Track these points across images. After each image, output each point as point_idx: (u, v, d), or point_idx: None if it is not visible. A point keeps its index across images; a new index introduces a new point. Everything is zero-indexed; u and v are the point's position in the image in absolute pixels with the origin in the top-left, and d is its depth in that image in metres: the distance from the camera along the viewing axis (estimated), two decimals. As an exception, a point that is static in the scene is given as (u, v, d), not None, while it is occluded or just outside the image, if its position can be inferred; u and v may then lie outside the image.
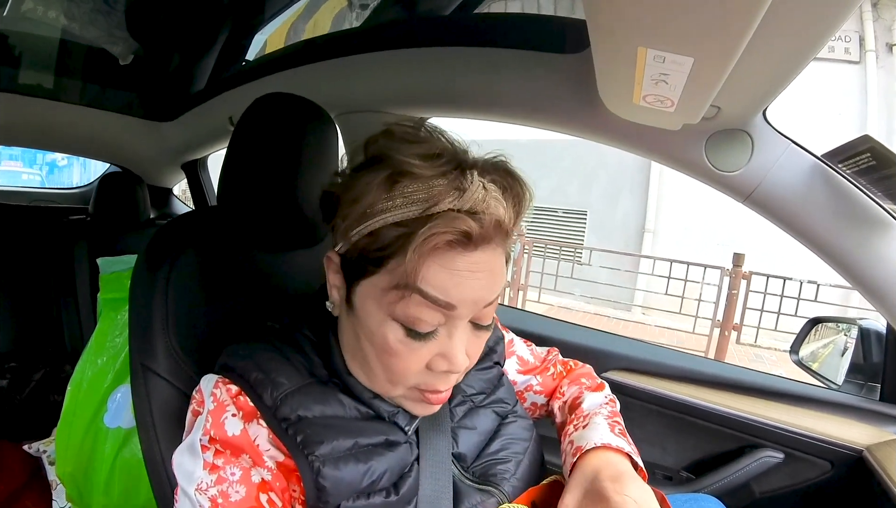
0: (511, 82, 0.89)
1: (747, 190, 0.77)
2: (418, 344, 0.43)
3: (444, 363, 0.44)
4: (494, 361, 0.63)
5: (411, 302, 0.40)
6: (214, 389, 0.46)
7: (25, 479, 1.27)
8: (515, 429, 0.59)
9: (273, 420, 0.45)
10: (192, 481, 0.43)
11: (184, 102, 1.60)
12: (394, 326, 0.42)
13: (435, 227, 0.38)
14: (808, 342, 1.07)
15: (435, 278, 0.40)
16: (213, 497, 0.42)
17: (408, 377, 0.45)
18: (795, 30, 0.46)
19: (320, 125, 0.70)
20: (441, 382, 0.46)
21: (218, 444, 0.44)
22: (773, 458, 0.93)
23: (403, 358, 0.43)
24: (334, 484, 0.44)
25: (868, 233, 0.74)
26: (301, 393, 0.46)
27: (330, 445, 0.44)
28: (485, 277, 0.42)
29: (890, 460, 0.79)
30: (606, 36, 0.46)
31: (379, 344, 0.43)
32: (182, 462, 0.45)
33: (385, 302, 0.42)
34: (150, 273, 0.62)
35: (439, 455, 0.51)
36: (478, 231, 0.39)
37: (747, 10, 0.35)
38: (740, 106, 0.66)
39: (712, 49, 0.41)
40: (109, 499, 0.93)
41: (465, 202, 0.39)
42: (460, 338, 0.44)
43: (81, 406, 0.95)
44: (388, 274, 0.41)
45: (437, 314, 0.41)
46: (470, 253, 0.40)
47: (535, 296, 5.38)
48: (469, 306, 0.42)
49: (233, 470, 0.44)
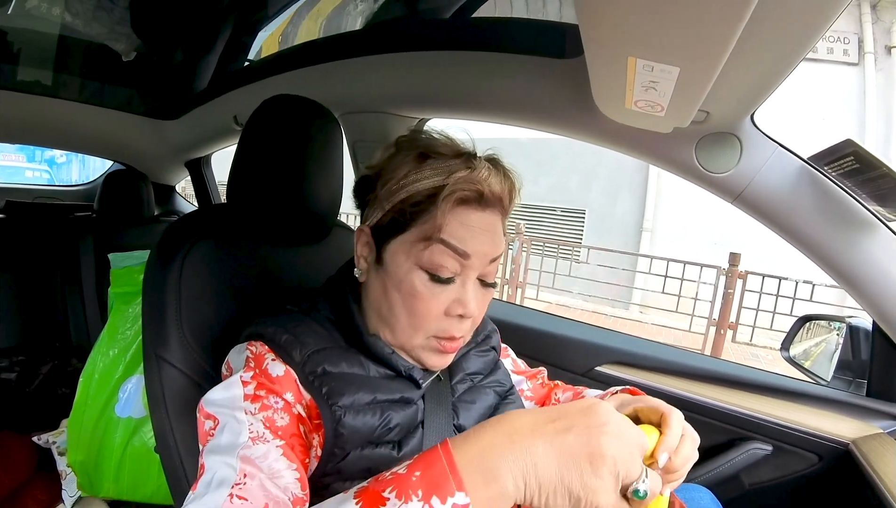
0: (509, 85, 0.91)
1: (736, 190, 0.79)
2: (439, 289, 0.51)
3: (459, 307, 0.51)
4: (491, 346, 0.68)
5: (435, 250, 0.50)
6: (250, 347, 0.52)
7: (35, 470, 1.30)
8: (516, 409, 0.62)
9: (301, 373, 0.50)
10: (237, 407, 0.46)
11: (188, 101, 1.62)
12: (420, 273, 0.51)
13: (457, 184, 0.49)
14: (799, 339, 1.09)
15: (455, 231, 0.49)
16: (263, 420, 0.46)
17: (429, 320, 0.52)
18: (778, 39, 0.49)
19: (326, 125, 0.73)
20: (456, 328, 0.53)
21: (262, 378, 0.49)
22: (762, 450, 0.95)
23: (426, 300, 0.51)
24: (352, 433, 0.49)
25: (853, 233, 0.77)
26: (325, 352, 0.52)
27: (352, 397, 0.50)
28: (491, 236, 0.52)
29: (875, 453, 0.81)
30: (599, 46, 0.49)
31: (406, 290, 0.51)
32: (218, 395, 0.48)
33: (413, 253, 0.51)
34: (164, 265, 0.64)
35: (441, 424, 0.55)
36: (488, 191, 0.50)
37: (728, 24, 0.38)
38: (728, 110, 0.69)
39: (697, 59, 0.43)
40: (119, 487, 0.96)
41: (475, 175, 0.50)
42: (472, 289, 0.52)
43: (93, 396, 0.98)
44: (417, 229, 0.51)
45: (455, 262, 0.50)
46: (480, 211, 0.51)
47: (533, 294, 5.40)
48: (480, 257, 0.51)
49: (276, 399, 0.48)
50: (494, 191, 0.51)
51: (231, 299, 0.68)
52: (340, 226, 0.85)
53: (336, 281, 0.60)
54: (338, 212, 0.78)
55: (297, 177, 0.70)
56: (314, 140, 0.71)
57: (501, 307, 1.32)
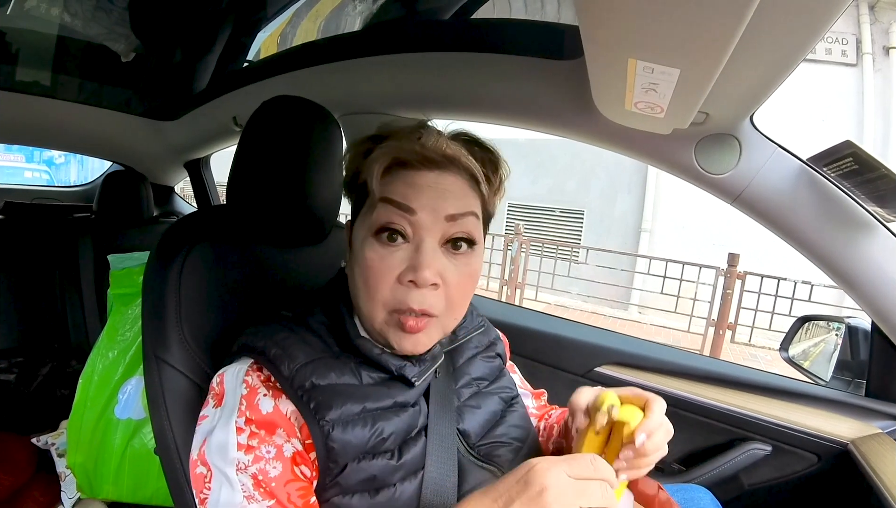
0: (509, 86, 0.91)
1: (735, 191, 0.79)
2: (388, 253, 0.50)
3: (410, 273, 0.49)
4: (497, 353, 0.68)
5: (380, 211, 0.50)
6: (246, 377, 0.51)
7: (34, 471, 1.29)
8: (520, 418, 0.63)
9: (290, 389, 0.49)
10: (230, 462, 0.47)
11: (187, 101, 1.62)
12: (371, 242, 0.50)
13: (388, 149, 0.50)
14: (798, 340, 1.09)
15: (397, 189, 0.50)
16: (254, 474, 0.46)
17: (382, 289, 0.50)
18: (778, 40, 0.49)
19: (326, 126, 0.73)
20: (412, 298, 0.49)
21: (254, 425, 0.48)
22: (761, 451, 0.95)
23: (376, 267, 0.50)
24: (342, 446, 0.48)
25: (852, 233, 0.77)
26: (314, 364, 0.51)
27: (339, 410, 0.49)
28: (443, 193, 0.50)
29: (874, 453, 0.82)
30: (599, 47, 0.49)
31: (362, 263, 0.51)
32: (214, 447, 0.48)
33: (366, 224, 0.51)
34: (163, 266, 0.64)
35: (444, 428, 0.54)
36: (423, 154, 0.50)
37: (729, 25, 0.38)
38: (728, 112, 0.69)
39: (697, 60, 0.43)
40: (119, 489, 0.96)
41: (423, 143, 0.50)
42: (427, 252, 0.49)
43: (93, 398, 0.97)
44: (368, 202, 0.52)
45: (400, 218, 0.49)
46: (427, 172, 0.50)
47: (532, 295, 5.41)
48: (429, 212, 0.49)
49: (268, 448, 0.47)
50: (442, 152, 0.50)
51: (231, 301, 0.68)
52: (340, 228, 0.85)
53: (331, 286, 0.60)
54: (337, 213, 0.78)
55: (297, 179, 0.70)
56: (315, 141, 0.71)
57: (501, 308, 1.32)
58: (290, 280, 0.75)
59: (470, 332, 0.65)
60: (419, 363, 0.55)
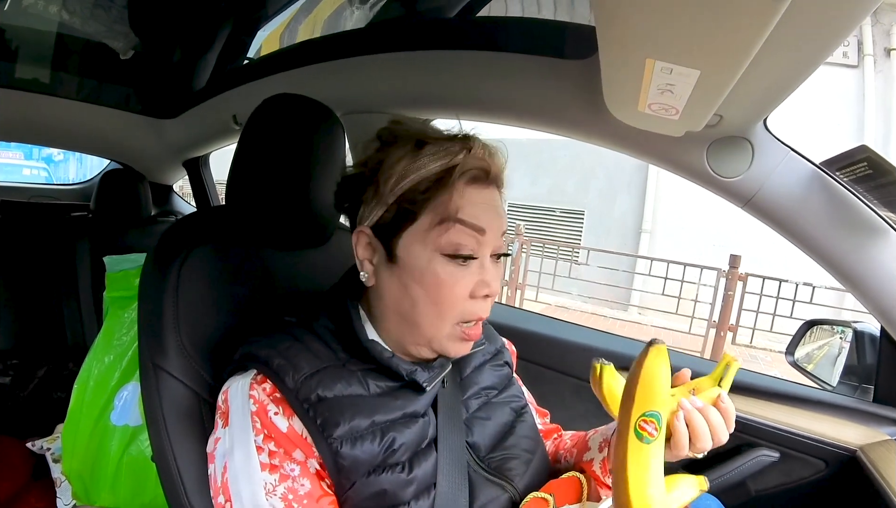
0: (515, 86, 0.90)
1: (747, 195, 0.78)
2: (462, 273, 0.51)
3: (484, 287, 0.52)
4: (504, 361, 0.67)
5: (453, 231, 0.49)
6: (251, 391, 0.49)
7: (29, 476, 1.27)
8: (530, 428, 0.62)
9: (296, 402, 0.48)
10: (256, 484, 0.46)
11: (186, 100, 1.60)
12: (440, 259, 0.50)
13: (466, 164, 0.50)
14: (804, 344, 1.08)
15: (468, 209, 0.50)
16: (283, 494, 0.45)
17: (456, 306, 0.51)
18: (799, 42, 0.48)
19: (329, 125, 0.71)
20: (482, 308, 0.53)
21: (272, 443, 0.47)
22: (768, 457, 0.94)
23: (450, 286, 0.50)
24: (353, 462, 0.47)
25: (864, 238, 0.76)
26: (320, 375, 0.50)
27: (348, 425, 0.48)
28: (497, 210, 0.53)
29: (883, 460, 0.80)
30: (615, 46, 0.47)
31: (430, 281, 0.50)
32: (238, 471, 0.47)
33: (430, 240, 0.50)
34: (160, 271, 0.62)
35: (454, 442, 0.54)
36: (492, 168, 0.52)
37: (755, 27, 0.36)
38: (742, 114, 0.68)
39: (719, 62, 0.42)
40: (116, 496, 0.94)
41: (478, 154, 0.51)
42: (491, 268, 0.53)
43: (88, 403, 0.95)
44: (429, 216, 0.50)
45: (473, 240, 0.50)
46: (486, 189, 0.52)
47: (532, 296, 5.40)
48: (494, 232, 0.52)
49: (291, 466, 0.47)
50: (497, 168, 0.53)
51: (231, 305, 0.66)
52: (343, 229, 0.84)
53: (337, 289, 0.58)
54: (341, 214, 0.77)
55: (299, 179, 0.68)
56: (318, 141, 0.69)
57: (504, 311, 1.30)
58: (293, 283, 0.73)
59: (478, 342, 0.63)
60: (428, 369, 0.54)
